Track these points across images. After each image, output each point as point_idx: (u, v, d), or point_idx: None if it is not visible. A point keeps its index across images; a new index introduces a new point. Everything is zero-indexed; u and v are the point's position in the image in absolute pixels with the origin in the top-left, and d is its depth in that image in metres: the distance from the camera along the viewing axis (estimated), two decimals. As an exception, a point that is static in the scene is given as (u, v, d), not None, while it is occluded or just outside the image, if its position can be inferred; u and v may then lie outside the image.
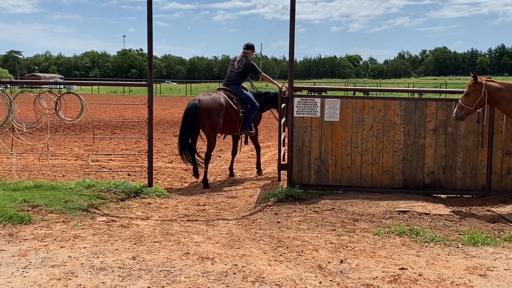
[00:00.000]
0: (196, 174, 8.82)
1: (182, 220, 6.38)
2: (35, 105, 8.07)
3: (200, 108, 8.58)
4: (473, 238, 5.42)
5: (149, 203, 7.22)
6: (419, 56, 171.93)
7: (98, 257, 4.69)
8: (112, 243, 5.16)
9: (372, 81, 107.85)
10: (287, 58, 8.31)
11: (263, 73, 9.44)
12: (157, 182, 8.63)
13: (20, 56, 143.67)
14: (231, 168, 9.61)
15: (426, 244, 5.33)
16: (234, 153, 9.83)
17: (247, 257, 4.78)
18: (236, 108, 8.99)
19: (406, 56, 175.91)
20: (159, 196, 7.61)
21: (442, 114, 7.68)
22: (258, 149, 9.90)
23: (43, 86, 9.03)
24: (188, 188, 8.49)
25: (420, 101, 7.84)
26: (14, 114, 7.86)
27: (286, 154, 8.36)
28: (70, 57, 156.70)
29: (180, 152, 8.79)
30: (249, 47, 9.29)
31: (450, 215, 6.48)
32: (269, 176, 9.45)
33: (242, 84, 9.33)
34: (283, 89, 8.53)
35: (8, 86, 8.05)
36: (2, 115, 7.89)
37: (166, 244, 5.16)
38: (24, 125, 8.13)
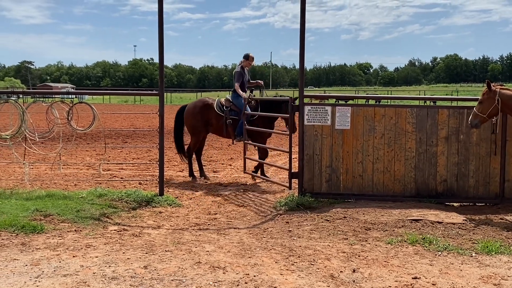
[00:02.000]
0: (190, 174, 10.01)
1: (193, 229, 6.38)
2: (47, 115, 8.14)
3: (184, 111, 10.30)
4: (487, 247, 5.37)
5: (160, 212, 7.23)
6: (430, 63, 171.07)
7: (110, 266, 4.70)
8: (123, 252, 5.16)
9: (383, 89, 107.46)
10: (297, 66, 8.36)
11: (235, 85, 9.84)
12: (168, 191, 8.64)
13: (32, 66, 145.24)
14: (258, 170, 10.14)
15: (439, 253, 5.28)
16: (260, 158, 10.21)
17: (259, 266, 4.76)
18: (222, 114, 9.76)
19: (416, 63, 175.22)
20: (170, 205, 7.61)
21: (454, 121, 7.63)
22: (262, 158, 10.12)
23: (55, 96, 9.13)
24: (199, 197, 8.49)
25: (432, 109, 7.80)
26: (27, 124, 7.93)
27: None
28: (81, 67, 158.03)
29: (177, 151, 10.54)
30: (243, 57, 9.89)
31: (463, 223, 6.41)
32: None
33: (245, 91, 9.90)
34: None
35: (21, 96, 8.11)
36: (15, 125, 7.96)
37: (178, 253, 5.16)
38: (36, 134, 8.19)
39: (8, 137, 7.98)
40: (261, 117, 9.60)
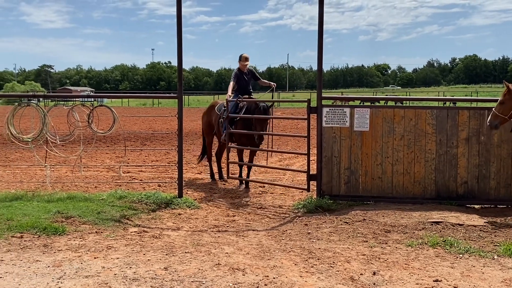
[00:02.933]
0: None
1: (212, 231, 6.41)
2: (68, 118, 8.24)
3: None
4: (509, 249, 5.29)
5: (179, 214, 7.28)
6: (449, 64, 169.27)
7: (131, 267, 4.74)
8: (144, 254, 5.21)
9: (401, 90, 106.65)
10: (314, 68, 8.42)
11: (230, 84, 9.81)
12: (187, 193, 8.69)
13: (52, 70, 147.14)
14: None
15: (461, 255, 5.22)
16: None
17: (278, 268, 4.77)
18: (218, 114, 9.84)
19: (435, 64, 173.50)
20: (189, 207, 7.66)
21: (475, 123, 7.55)
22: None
23: (76, 100, 9.25)
24: (218, 199, 8.52)
25: (452, 110, 7.72)
26: (48, 127, 8.04)
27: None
28: (100, 71, 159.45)
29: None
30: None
31: (485, 225, 6.34)
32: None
33: (249, 93, 9.95)
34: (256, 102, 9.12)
35: (41, 99, 8.24)
36: (36, 128, 8.07)
37: (197, 255, 5.19)
38: (57, 137, 8.30)
39: (30, 140, 8.09)
40: (242, 119, 9.33)
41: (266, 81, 10.31)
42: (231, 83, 9.75)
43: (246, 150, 9.82)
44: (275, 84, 10.21)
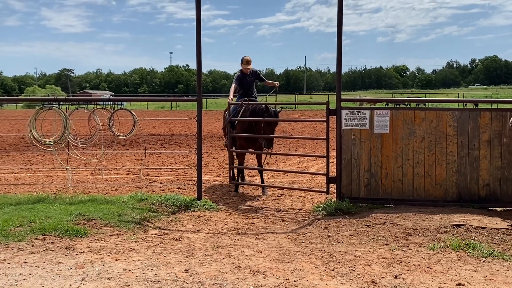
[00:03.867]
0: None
1: (231, 233, 6.41)
2: (89, 121, 8.33)
3: None
4: (534, 253, 5.20)
5: (199, 216, 7.30)
6: (469, 65, 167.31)
7: (152, 269, 4.77)
8: (165, 256, 5.24)
9: (420, 92, 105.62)
10: (332, 70, 8.40)
11: (231, 87, 9.70)
12: (206, 195, 8.72)
13: (72, 74, 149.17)
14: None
15: (484, 259, 5.15)
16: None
17: (299, 271, 4.75)
18: (226, 117, 9.58)
19: (454, 65, 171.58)
20: (209, 209, 7.68)
21: (497, 124, 7.44)
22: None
23: (97, 103, 9.36)
24: (237, 201, 8.53)
25: (473, 112, 7.62)
26: (70, 130, 8.14)
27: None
28: (119, 74, 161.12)
29: None
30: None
31: (508, 228, 6.24)
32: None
33: (252, 95, 9.78)
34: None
35: (61, 103, 8.34)
36: (58, 132, 8.18)
37: (218, 257, 5.20)
38: (79, 140, 8.40)
39: (51, 143, 8.20)
40: (241, 122, 9.19)
41: (270, 81, 10.11)
42: (233, 86, 9.65)
43: (252, 154, 9.72)
44: (278, 83, 10.05)
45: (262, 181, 9.55)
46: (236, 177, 9.74)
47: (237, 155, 9.55)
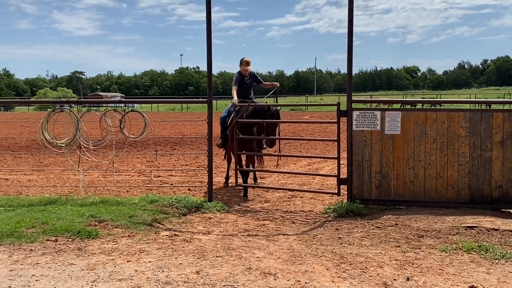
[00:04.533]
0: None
1: (242, 235, 6.41)
2: (100, 123, 8.37)
3: None
4: (549, 256, 5.14)
5: (209, 218, 7.31)
6: (480, 66, 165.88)
7: (163, 271, 4.78)
8: (176, 258, 5.24)
9: (431, 93, 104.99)
10: (342, 71, 8.33)
11: (233, 89, 9.43)
12: (216, 197, 8.73)
13: (83, 76, 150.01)
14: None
15: (497, 261, 5.10)
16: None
17: (310, 273, 4.73)
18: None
19: (466, 66, 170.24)
20: (219, 211, 7.69)
21: (510, 125, 7.38)
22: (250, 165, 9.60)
23: (108, 105, 9.39)
24: (247, 203, 8.53)
25: (486, 113, 7.56)
26: (81, 132, 8.19)
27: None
28: (130, 76, 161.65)
29: None
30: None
31: (522, 231, 6.17)
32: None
33: (247, 96, 9.60)
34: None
35: (73, 105, 8.42)
36: (69, 134, 8.23)
37: (228, 259, 5.20)
38: (90, 142, 8.44)
39: (63, 145, 8.25)
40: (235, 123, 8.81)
41: (268, 82, 9.82)
42: (234, 88, 9.38)
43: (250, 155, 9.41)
44: (278, 83, 9.75)
45: (255, 179, 9.96)
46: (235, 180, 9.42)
47: (238, 157, 9.13)
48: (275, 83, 9.75)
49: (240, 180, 9.07)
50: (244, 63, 9.50)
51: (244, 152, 9.22)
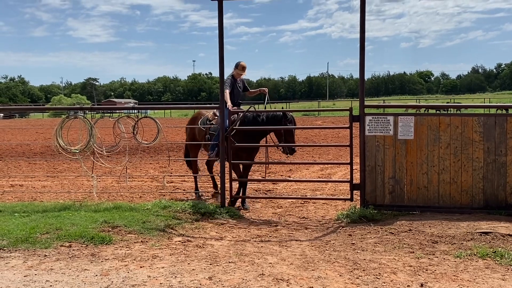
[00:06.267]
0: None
1: (255, 241, 6.40)
2: (114, 130, 8.44)
3: None
4: None
5: (222, 224, 7.31)
6: (494, 70, 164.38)
7: (176, 277, 4.79)
8: (189, 263, 5.25)
9: (445, 97, 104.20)
10: (354, 76, 8.29)
11: (225, 92, 8.50)
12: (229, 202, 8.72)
13: (97, 83, 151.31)
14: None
15: (513, 267, 5.03)
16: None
17: (323, 279, 4.71)
18: (204, 129, 9.19)
19: (480, 70, 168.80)
20: (232, 217, 7.69)
21: (525, 130, 7.29)
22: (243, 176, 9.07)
23: (121, 111, 9.47)
24: (260, 209, 8.53)
25: (500, 117, 7.49)
26: (95, 138, 8.26)
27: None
28: (143, 83, 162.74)
29: None
30: (234, 65, 9.11)
31: (538, 237, 6.08)
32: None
33: (238, 104, 9.14)
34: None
35: (87, 111, 8.51)
36: (83, 140, 8.30)
37: (241, 265, 5.19)
38: (104, 148, 8.51)
39: (77, 151, 8.32)
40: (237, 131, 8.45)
41: (254, 90, 9.47)
42: (227, 91, 8.63)
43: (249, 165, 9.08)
44: (266, 88, 9.47)
45: (244, 193, 9.04)
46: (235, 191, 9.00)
47: (237, 167, 8.90)
48: (263, 88, 9.39)
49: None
50: (240, 67, 8.99)
51: (250, 162, 8.93)
